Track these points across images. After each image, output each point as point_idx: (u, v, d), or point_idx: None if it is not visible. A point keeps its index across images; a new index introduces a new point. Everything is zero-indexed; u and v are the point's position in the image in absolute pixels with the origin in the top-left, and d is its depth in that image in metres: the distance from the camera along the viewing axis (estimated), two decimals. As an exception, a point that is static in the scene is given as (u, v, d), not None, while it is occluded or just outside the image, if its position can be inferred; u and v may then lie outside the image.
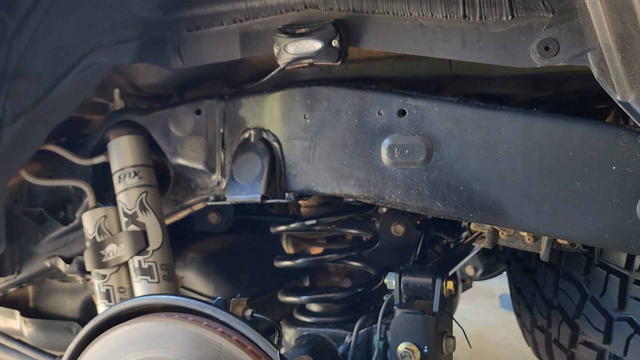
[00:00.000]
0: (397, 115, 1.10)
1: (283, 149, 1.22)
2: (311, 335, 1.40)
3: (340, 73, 1.30)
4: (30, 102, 1.32)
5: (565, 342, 1.69)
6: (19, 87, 1.32)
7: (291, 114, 1.21)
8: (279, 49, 1.13)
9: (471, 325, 3.86)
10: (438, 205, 1.07)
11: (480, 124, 1.02)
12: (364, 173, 1.14)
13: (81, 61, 1.31)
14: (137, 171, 1.41)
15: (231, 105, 1.30)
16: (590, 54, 0.86)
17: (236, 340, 0.96)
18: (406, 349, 1.17)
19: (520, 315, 2.00)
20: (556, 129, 0.96)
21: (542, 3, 0.90)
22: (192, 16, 1.20)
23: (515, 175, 1.00)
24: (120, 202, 1.42)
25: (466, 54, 0.99)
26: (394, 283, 1.22)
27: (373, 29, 1.06)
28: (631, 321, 1.51)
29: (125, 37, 1.28)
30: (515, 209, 1.00)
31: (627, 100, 0.83)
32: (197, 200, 1.52)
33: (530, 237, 1.19)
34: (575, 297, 1.62)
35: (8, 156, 1.36)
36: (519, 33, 0.94)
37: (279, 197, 1.22)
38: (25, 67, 1.31)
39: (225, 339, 0.96)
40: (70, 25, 1.29)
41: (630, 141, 0.90)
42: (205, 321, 0.99)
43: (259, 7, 1.14)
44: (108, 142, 1.45)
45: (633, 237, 0.91)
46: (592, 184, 0.94)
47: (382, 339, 1.25)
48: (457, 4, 0.96)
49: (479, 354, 3.36)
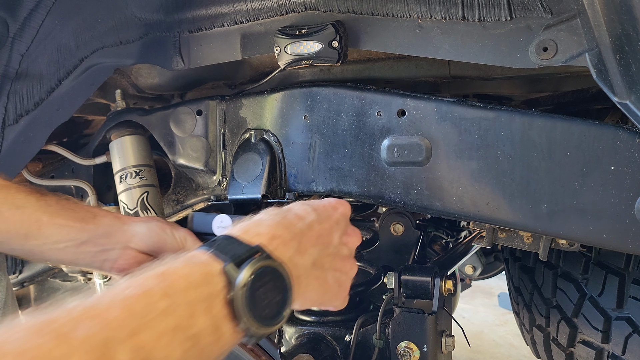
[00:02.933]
0: (397, 115, 1.10)
1: (283, 149, 1.23)
2: (311, 334, 1.40)
3: (340, 74, 1.31)
4: (33, 103, 1.33)
5: (563, 341, 1.70)
6: (21, 87, 1.32)
7: (292, 114, 1.22)
8: (280, 50, 1.13)
9: (470, 324, 3.87)
10: (437, 205, 1.08)
11: (479, 124, 1.03)
12: (363, 173, 1.14)
13: (83, 62, 1.32)
14: (139, 171, 1.42)
15: (232, 106, 1.30)
16: (588, 55, 0.87)
17: (237, 338, 0.96)
18: (405, 347, 1.18)
19: (518, 314, 2.01)
20: (554, 129, 0.96)
21: (541, 4, 0.90)
22: (193, 17, 1.21)
23: (514, 175, 1.00)
24: (122, 202, 1.43)
25: (465, 55, 1.00)
26: (394, 282, 1.22)
27: (372, 30, 1.07)
28: (629, 320, 1.52)
29: (127, 39, 1.28)
30: (514, 209, 1.01)
31: (625, 100, 0.84)
32: (198, 200, 1.53)
33: (529, 237, 1.19)
34: (573, 296, 1.63)
35: (10, 156, 1.37)
36: (518, 34, 0.94)
37: (279, 196, 1.22)
38: (27, 68, 1.31)
39: (226, 337, 0.96)
40: (72, 26, 1.30)
41: (629, 141, 0.91)
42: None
43: (260, 9, 1.14)
44: (110, 142, 1.45)
45: (631, 236, 0.92)
46: (591, 184, 0.94)
47: (381, 337, 1.25)
48: (456, 6, 0.96)
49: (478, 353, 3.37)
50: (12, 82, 1.31)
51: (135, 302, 0.50)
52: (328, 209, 0.85)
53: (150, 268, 0.56)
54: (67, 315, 0.47)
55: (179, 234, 1.03)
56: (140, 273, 0.55)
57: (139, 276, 0.55)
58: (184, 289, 0.55)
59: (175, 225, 1.06)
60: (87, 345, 0.44)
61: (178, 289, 0.54)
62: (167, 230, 1.02)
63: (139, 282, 0.53)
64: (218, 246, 0.63)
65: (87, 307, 0.48)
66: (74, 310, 0.48)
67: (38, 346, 0.43)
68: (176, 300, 0.53)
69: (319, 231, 0.78)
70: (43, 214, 0.95)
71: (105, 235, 1.00)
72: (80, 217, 0.99)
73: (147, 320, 0.49)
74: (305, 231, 0.75)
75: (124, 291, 0.51)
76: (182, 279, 0.56)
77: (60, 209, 0.97)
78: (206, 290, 0.57)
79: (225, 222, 1.13)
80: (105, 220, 1.01)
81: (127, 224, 1.02)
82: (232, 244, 0.64)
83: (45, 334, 0.44)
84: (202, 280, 0.57)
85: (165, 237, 1.02)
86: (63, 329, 0.45)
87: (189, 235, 1.04)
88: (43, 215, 0.95)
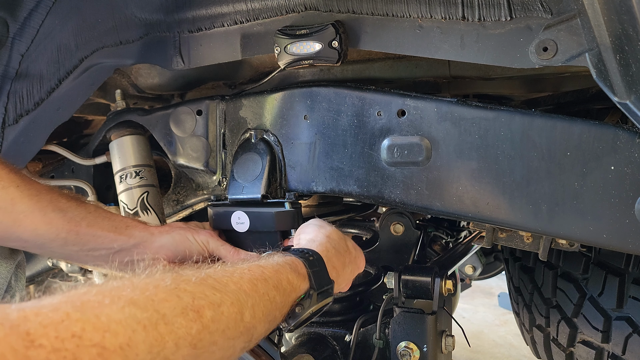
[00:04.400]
0: (397, 115, 1.10)
1: (283, 149, 1.23)
2: (311, 334, 1.40)
3: (340, 74, 1.31)
4: (33, 103, 1.33)
5: (563, 341, 1.70)
6: (21, 87, 1.32)
7: (292, 114, 1.22)
8: (280, 50, 1.13)
9: (470, 324, 3.87)
10: (437, 205, 1.08)
11: (479, 124, 1.03)
12: (363, 173, 1.14)
13: (83, 62, 1.32)
14: (139, 171, 1.42)
15: (232, 106, 1.30)
16: (588, 55, 0.87)
17: (237, 338, 0.97)
18: (405, 347, 1.18)
19: (518, 314, 2.01)
20: (554, 129, 0.96)
21: (541, 4, 0.90)
22: (193, 17, 1.21)
23: (514, 175, 1.00)
24: (122, 201, 1.43)
25: (465, 55, 0.99)
26: (394, 282, 1.22)
27: (372, 30, 1.07)
28: (629, 320, 1.52)
29: (127, 39, 1.28)
30: (514, 209, 1.01)
31: (625, 100, 0.84)
32: (198, 199, 1.53)
33: (529, 237, 1.19)
34: (573, 296, 1.63)
35: (10, 156, 1.37)
36: (518, 34, 0.94)
37: (279, 196, 1.22)
38: (27, 68, 1.31)
39: (227, 337, 0.97)
40: (72, 26, 1.29)
41: (629, 141, 0.90)
42: (207, 320, 1.00)
43: (260, 9, 1.14)
44: (110, 142, 1.45)
45: (631, 236, 0.92)
46: (591, 184, 0.94)
47: (381, 337, 1.25)
48: (456, 6, 0.96)
49: (478, 353, 3.37)
50: (12, 82, 1.31)
51: (256, 283, 0.73)
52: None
53: (267, 263, 0.81)
54: (219, 274, 0.69)
55: (200, 238, 1.12)
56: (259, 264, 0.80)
57: (256, 265, 0.78)
58: (285, 288, 0.80)
59: (196, 229, 1.14)
60: (232, 298, 0.66)
61: (281, 286, 0.79)
62: (190, 237, 1.11)
63: (258, 271, 0.76)
64: (315, 273, 0.88)
65: (229, 274, 0.71)
66: (223, 273, 0.71)
67: (202, 291, 0.62)
68: (280, 293, 0.78)
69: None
70: (82, 220, 1.02)
71: (136, 246, 1.07)
72: (114, 227, 1.06)
73: (260, 295, 0.71)
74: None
75: (250, 272, 0.74)
76: (286, 282, 0.80)
77: (97, 217, 1.05)
78: (294, 294, 0.83)
79: (242, 218, 1.19)
80: (136, 232, 1.08)
81: (155, 236, 1.09)
82: (323, 275, 0.91)
83: (206, 286, 0.64)
84: (293, 289, 0.82)
85: (189, 244, 1.10)
86: (217, 284, 0.66)
87: (211, 237, 1.13)
88: (82, 221, 1.02)
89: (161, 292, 0.57)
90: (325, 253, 0.95)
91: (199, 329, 0.58)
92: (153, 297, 0.56)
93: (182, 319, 0.56)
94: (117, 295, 0.53)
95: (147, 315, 0.53)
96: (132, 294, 0.54)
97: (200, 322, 0.58)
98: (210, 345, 0.60)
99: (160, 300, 0.56)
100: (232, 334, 0.64)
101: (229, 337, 0.63)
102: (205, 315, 0.60)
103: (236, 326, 0.65)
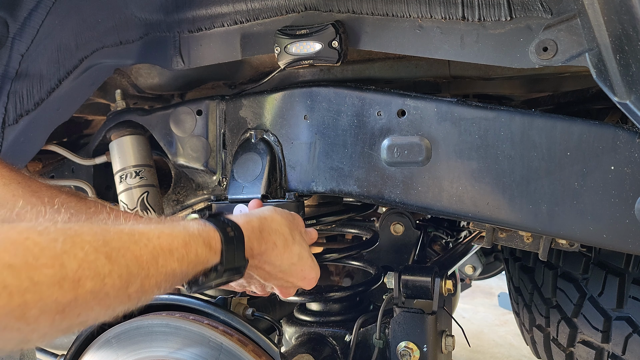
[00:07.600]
0: (397, 115, 1.10)
1: (284, 149, 1.23)
2: (311, 334, 1.40)
3: (340, 74, 1.31)
4: (33, 103, 1.33)
5: (563, 341, 1.70)
6: (21, 87, 1.32)
7: (292, 114, 1.22)
8: (280, 50, 1.13)
9: (470, 324, 3.87)
10: (437, 205, 1.08)
11: (479, 124, 1.03)
12: (363, 173, 1.14)
13: (83, 62, 1.32)
14: (139, 171, 1.42)
15: (232, 106, 1.30)
16: (588, 55, 0.87)
17: (237, 339, 0.97)
18: (405, 347, 1.18)
19: (518, 314, 2.01)
20: (554, 129, 0.97)
21: (541, 4, 0.90)
22: (193, 17, 1.21)
23: (514, 175, 1.00)
24: (122, 201, 1.43)
25: (465, 54, 1.00)
26: (394, 282, 1.22)
27: (372, 30, 1.07)
28: (629, 320, 1.52)
29: (127, 39, 1.28)
30: (514, 209, 1.01)
31: (625, 100, 0.84)
32: (199, 199, 1.53)
33: (529, 237, 1.19)
34: (573, 296, 1.63)
35: (10, 156, 1.37)
36: (518, 34, 0.94)
37: (279, 196, 1.22)
38: (27, 68, 1.32)
39: (226, 337, 0.97)
40: (72, 26, 1.30)
41: (629, 141, 0.91)
42: (206, 320, 1.00)
43: (260, 9, 1.14)
44: (110, 142, 1.45)
45: (631, 236, 0.92)
46: (591, 184, 0.94)
47: (381, 337, 1.25)
48: (456, 6, 0.96)
49: (478, 353, 3.37)
50: (12, 82, 1.31)
51: (158, 255, 0.71)
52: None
53: (180, 232, 0.78)
54: (126, 237, 0.68)
55: None
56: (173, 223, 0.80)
57: (168, 233, 0.76)
58: (191, 260, 0.77)
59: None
60: (122, 271, 0.65)
61: (187, 259, 0.76)
62: None
63: (167, 242, 0.74)
64: (228, 250, 0.84)
65: (135, 238, 0.69)
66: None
67: (93, 260, 0.61)
68: (183, 265, 0.75)
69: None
70: (83, 216, 1.03)
71: None
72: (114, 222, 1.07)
73: (156, 268, 0.70)
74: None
75: (158, 240, 0.72)
76: (194, 255, 0.78)
77: (97, 212, 1.05)
78: (200, 267, 0.80)
79: (244, 211, 1.19)
80: None
81: None
82: (238, 253, 0.86)
83: (101, 253, 0.63)
84: (200, 261, 0.80)
85: None
86: (114, 252, 0.65)
87: None
88: (83, 216, 1.03)
89: (48, 254, 0.57)
90: (250, 232, 0.91)
91: (71, 299, 0.58)
92: (34, 261, 0.56)
93: (56, 289, 0.57)
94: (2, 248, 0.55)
95: (17, 282, 0.54)
96: (12, 259, 0.55)
97: (74, 293, 0.59)
98: (84, 311, 0.61)
99: (40, 266, 0.56)
100: (111, 303, 0.64)
101: (107, 306, 0.64)
102: (84, 286, 0.60)
103: (117, 296, 0.64)
